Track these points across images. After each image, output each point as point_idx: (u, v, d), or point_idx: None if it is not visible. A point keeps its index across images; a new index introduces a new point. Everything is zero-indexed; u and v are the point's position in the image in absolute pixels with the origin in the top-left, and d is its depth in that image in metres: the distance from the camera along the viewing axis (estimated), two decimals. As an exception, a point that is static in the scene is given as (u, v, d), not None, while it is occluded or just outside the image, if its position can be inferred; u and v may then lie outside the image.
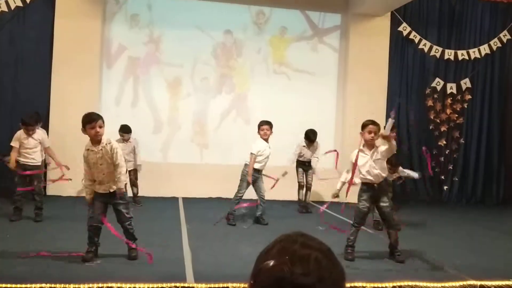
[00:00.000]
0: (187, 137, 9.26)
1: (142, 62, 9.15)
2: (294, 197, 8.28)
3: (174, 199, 8.57)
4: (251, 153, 6.63)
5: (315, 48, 9.74)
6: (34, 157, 6.24)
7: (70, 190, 8.09)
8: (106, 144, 4.53)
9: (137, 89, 9.14)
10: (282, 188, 8.67)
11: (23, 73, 8.49)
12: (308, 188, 8.11)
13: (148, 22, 9.14)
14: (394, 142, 5.02)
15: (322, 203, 8.91)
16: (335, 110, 9.77)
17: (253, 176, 6.58)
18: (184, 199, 8.59)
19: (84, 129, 4.46)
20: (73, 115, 8.19)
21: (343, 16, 9.73)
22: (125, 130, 7.72)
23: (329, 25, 9.78)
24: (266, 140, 6.73)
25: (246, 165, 6.72)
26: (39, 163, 6.34)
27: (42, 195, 6.41)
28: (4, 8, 8.40)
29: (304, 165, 8.06)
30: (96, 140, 4.50)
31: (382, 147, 5.07)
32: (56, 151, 6.63)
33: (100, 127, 4.46)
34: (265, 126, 6.74)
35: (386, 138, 4.98)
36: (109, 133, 8.42)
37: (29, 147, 6.21)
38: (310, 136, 7.92)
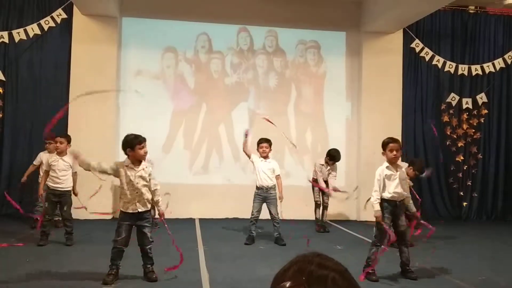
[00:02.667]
0: (206, 157, 9.29)
1: (164, 85, 9.24)
2: (311, 216, 8.23)
3: (191, 220, 8.58)
4: (278, 175, 6.82)
5: (329, 67, 9.76)
6: (64, 182, 6.22)
7: (88, 214, 8.13)
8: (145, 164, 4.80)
9: (160, 112, 9.15)
10: (299, 207, 8.65)
11: (41, 99, 8.68)
12: (325, 207, 8.06)
13: (168, 47, 9.25)
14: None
15: (339, 222, 8.85)
16: (350, 128, 9.73)
17: (259, 196, 6.73)
18: (200, 220, 8.59)
19: (132, 149, 4.64)
20: (91, 138, 8.37)
21: (355, 34, 9.76)
22: None
23: (342, 44, 9.81)
24: (265, 157, 6.81)
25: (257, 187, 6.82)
26: (69, 188, 6.32)
27: (72, 220, 6.42)
28: (23, 36, 8.63)
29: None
30: (141, 159, 4.71)
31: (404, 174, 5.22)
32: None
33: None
34: (264, 144, 6.81)
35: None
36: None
37: (59, 169, 6.20)
38: (336, 156, 7.85)
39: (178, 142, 9.26)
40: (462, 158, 9.99)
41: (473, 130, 10.06)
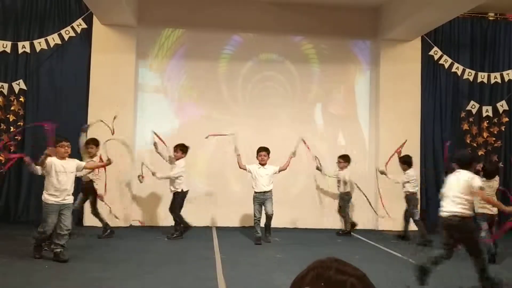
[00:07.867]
0: (221, 165, 9.22)
1: (182, 94, 9.26)
2: (330, 225, 8.18)
3: (208, 229, 8.57)
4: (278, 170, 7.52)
5: (347, 75, 9.70)
6: None
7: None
8: None
9: (178, 121, 9.19)
10: (318, 216, 8.60)
11: (61, 107, 8.78)
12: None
13: (184, 56, 9.25)
14: None
15: (356, 231, 8.77)
16: (368, 137, 9.62)
17: (258, 198, 7.39)
18: (217, 228, 8.58)
19: None
20: (110, 146, 8.43)
21: (373, 42, 9.68)
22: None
23: (359, 52, 9.73)
24: (263, 165, 7.42)
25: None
26: None
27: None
28: (44, 46, 8.79)
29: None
30: None
31: None
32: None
33: None
34: (262, 152, 7.43)
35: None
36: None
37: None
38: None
39: (200, 150, 9.01)
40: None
41: (494, 139, 9.90)
